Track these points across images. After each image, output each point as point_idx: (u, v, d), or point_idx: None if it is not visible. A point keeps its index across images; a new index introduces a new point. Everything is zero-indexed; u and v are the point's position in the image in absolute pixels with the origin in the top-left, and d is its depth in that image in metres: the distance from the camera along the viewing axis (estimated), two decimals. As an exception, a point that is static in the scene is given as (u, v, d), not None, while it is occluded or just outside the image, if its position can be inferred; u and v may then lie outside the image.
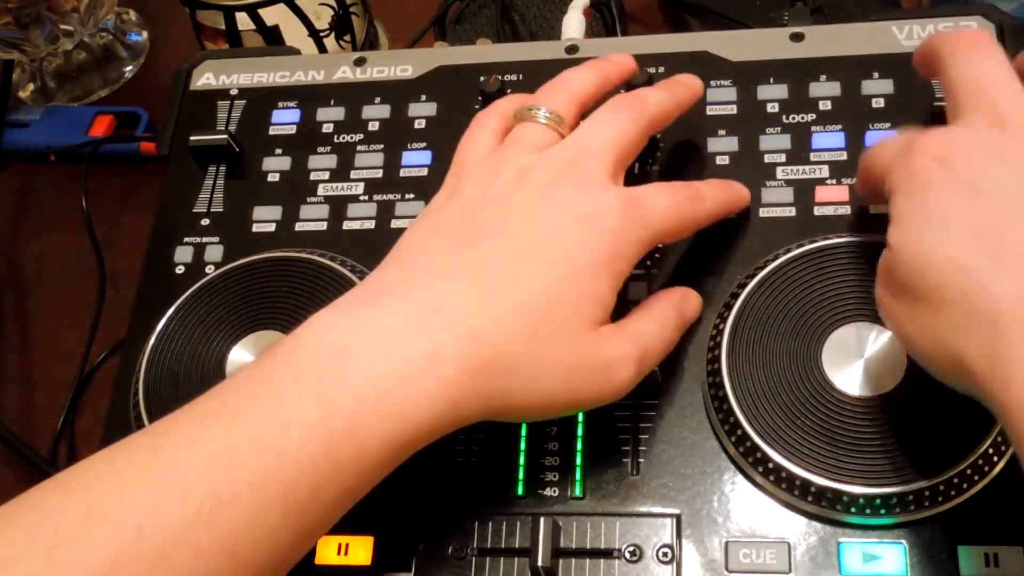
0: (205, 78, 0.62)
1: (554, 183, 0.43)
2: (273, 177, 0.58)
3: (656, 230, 0.44)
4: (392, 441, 0.38)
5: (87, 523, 0.34)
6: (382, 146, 0.58)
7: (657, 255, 0.51)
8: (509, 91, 0.57)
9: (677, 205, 0.45)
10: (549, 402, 0.41)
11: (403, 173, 0.56)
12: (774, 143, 0.54)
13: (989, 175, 0.38)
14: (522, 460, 0.47)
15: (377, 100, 0.59)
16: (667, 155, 0.54)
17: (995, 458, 0.43)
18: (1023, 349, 0.34)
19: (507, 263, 0.41)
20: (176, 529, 0.34)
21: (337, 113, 0.59)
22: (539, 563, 0.43)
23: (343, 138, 0.58)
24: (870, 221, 0.50)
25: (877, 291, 0.41)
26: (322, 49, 0.70)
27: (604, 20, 0.70)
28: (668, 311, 0.46)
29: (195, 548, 0.34)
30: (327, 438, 0.36)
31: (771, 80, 0.55)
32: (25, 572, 0.33)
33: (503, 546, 0.45)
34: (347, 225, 0.55)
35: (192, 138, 0.58)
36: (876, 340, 0.45)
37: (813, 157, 0.53)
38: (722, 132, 0.54)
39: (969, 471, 0.42)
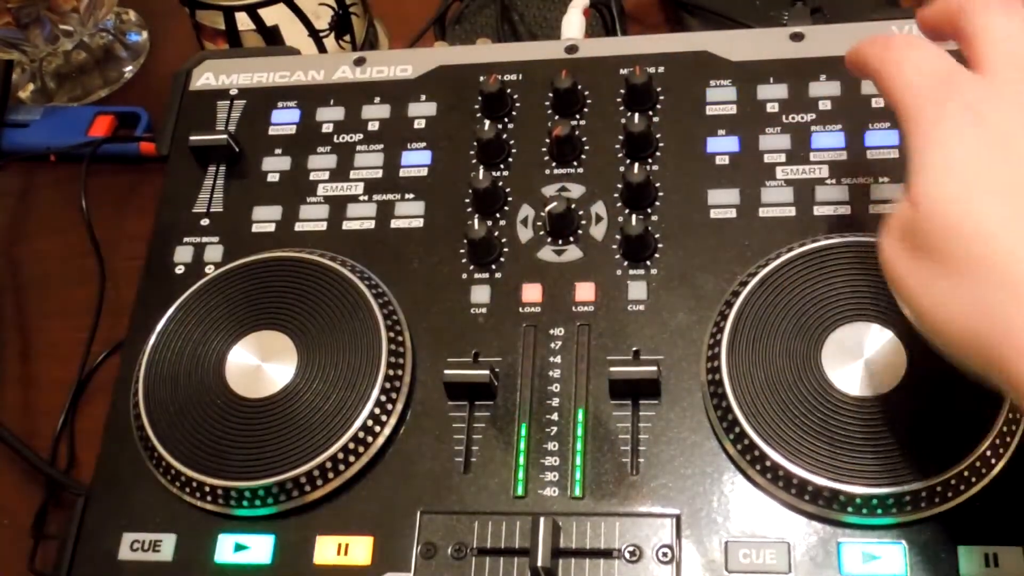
0: (205, 78, 0.62)
1: None
2: (273, 177, 0.58)
3: None
4: None
5: None
6: (382, 146, 0.58)
7: (657, 255, 0.51)
8: (509, 91, 0.57)
9: None
10: None
11: (403, 173, 0.56)
12: (774, 143, 0.53)
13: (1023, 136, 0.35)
14: (522, 460, 0.47)
15: (377, 100, 0.59)
16: (666, 155, 0.54)
17: (993, 459, 0.43)
18: None
19: None
20: None
21: (337, 113, 0.59)
22: (539, 563, 0.43)
23: (343, 138, 0.58)
24: (870, 221, 0.50)
25: (885, 250, 0.37)
26: (322, 49, 0.70)
27: (604, 20, 0.70)
28: None
29: None
30: None
31: (771, 80, 0.55)
32: None
33: (503, 546, 0.45)
34: (347, 225, 0.55)
35: (192, 138, 0.58)
36: (876, 340, 0.45)
37: (813, 157, 0.53)
38: (722, 132, 0.54)
39: (967, 472, 0.42)
